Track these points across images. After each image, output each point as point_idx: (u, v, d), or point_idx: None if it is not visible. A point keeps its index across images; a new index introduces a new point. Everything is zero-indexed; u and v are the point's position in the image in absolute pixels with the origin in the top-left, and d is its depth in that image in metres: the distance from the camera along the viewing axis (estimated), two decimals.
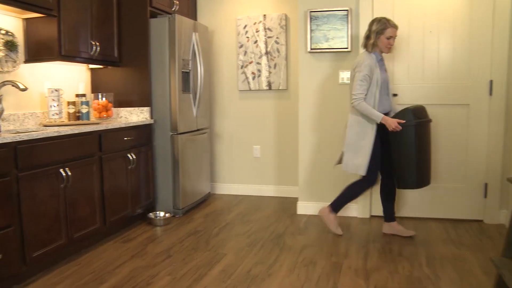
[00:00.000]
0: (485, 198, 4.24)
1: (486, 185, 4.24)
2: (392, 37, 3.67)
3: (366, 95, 3.64)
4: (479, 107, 4.20)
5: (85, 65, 4.55)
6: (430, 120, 3.65)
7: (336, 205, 3.94)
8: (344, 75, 4.44)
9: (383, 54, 3.81)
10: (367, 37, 3.74)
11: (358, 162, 3.71)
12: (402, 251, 3.56)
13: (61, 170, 3.31)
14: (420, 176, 3.58)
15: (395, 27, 3.67)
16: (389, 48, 3.71)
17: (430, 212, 4.41)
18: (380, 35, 3.66)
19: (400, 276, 3.08)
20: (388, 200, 3.94)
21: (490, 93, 4.16)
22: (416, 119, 3.51)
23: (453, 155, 4.31)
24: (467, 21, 4.16)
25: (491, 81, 4.14)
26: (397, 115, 3.58)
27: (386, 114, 3.76)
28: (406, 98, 4.33)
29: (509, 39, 4.05)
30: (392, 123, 3.53)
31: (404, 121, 3.51)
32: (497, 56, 4.09)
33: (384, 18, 3.70)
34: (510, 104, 4.08)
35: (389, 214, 3.96)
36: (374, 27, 3.69)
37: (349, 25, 4.34)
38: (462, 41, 4.20)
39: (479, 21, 4.13)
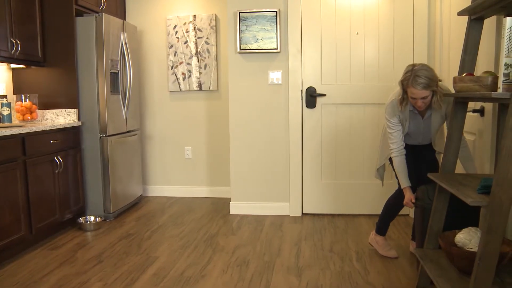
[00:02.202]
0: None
1: None
2: (416, 99, 2.85)
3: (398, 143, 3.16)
4: None
5: (5, 64, 4.33)
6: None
7: (379, 226, 3.54)
8: (274, 76, 4.50)
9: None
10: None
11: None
12: (333, 248, 3.65)
13: None
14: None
15: (416, 87, 2.78)
16: (419, 107, 2.92)
17: (360, 208, 4.56)
18: (405, 87, 2.90)
19: (331, 272, 3.17)
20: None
21: None
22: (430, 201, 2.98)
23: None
24: (390, 25, 4.34)
25: None
26: (420, 191, 3.01)
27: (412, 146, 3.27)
28: (334, 98, 4.45)
29: (428, 42, 4.27)
30: (407, 199, 3.14)
31: (417, 203, 3.05)
32: (418, 58, 4.28)
33: (412, 67, 2.83)
34: None
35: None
36: (402, 76, 2.92)
37: (278, 26, 4.41)
38: (386, 43, 4.37)
39: (401, 25, 4.32)
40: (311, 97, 4.47)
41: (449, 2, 3.72)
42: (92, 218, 4.38)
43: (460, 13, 2.46)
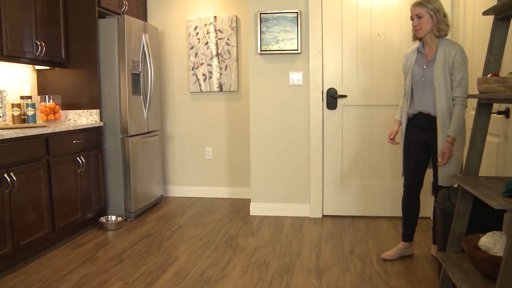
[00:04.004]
0: (432, 196, 4.37)
1: (432, 183, 4.37)
2: (413, 19, 3.14)
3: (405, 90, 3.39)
4: None
5: (30, 66, 4.40)
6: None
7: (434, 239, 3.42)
8: (294, 77, 4.49)
9: (428, 40, 3.19)
10: None
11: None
12: (353, 250, 3.63)
13: (6, 175, 3.20)
14: None
15: (412, 4, 3.14)
16: (415, 27, 3.14)
17: (381, 210, 4.52)
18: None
19: (351, 274, 3.15)
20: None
21: None
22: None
23: (401, 155, 4.41)
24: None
25: None
26: (440, 194, 2.96)
27: (422, 116, 3.26)
28: (355, 99, 4.42)
29: None
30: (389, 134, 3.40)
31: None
32: None
33: None
34: None
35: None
36: None
37: (299, 27, 4.40)
38: (407, 44, 4.32)
39: None
40: (332, 98, 4.45)
41: (473, 1, 3.67)
42: (113, 217, 4.42)
43: (486, 13, 2.42)
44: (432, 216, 4.24)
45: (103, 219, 4.37)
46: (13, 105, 4.04)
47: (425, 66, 3.19)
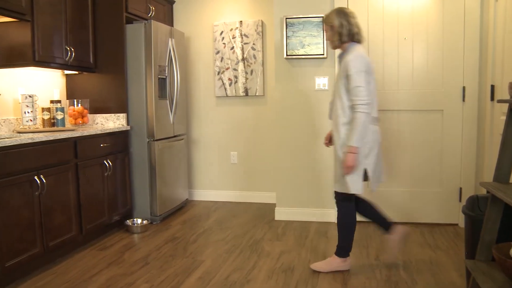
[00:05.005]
0: (460, 202, 4.31)
1: (460, 189, 4.31)
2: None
3: None
4: (453, 112, 4.28)
5: (60, 70, 4.49)
6: None
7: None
8: (320, 81, 4.48)
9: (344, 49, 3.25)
10: None
11: None
12: (379, 256, 3.59)
13: (36, 178, 3.26)
14: None
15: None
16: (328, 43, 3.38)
17: (407, 216, 4.46)
18: None
19: (377, 281, 3.11)
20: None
21: (463, 99, 4.24)
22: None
23: (428, 160, 4.37)
24: (440, 29, 4.24)
25: (463, 88, 4.23)
26: (469, 201, 2.74)
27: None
28: (381, 104, 4.38)
29: (480, 47, 4.14)
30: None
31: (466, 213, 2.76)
32: (469, 63, 4.18)
33: None
34: (482, 110, 4.16)
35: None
36: None
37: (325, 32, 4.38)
38: (435, 48, 4.28)
39: (451, 30, 4.21)
40: None
41: (504, 1, 3.60)
42: (139, 220, 4.46)
43: None
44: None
45: (129, 222, 4.41)
46: (43, 109, 4.13)
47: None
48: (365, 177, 3.14)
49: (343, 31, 3.13)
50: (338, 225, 3.28)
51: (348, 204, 3.22)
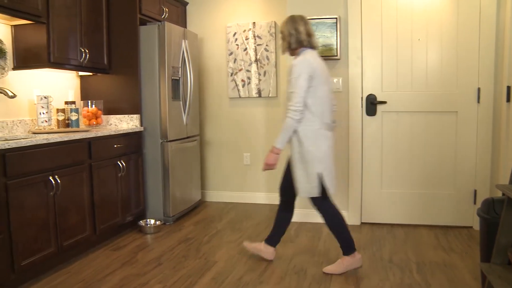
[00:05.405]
0: (474, 205, 4.27)
1: (475, 191, 4.27)
2: None
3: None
4: (467, 114, 4.24)
5: (74, 72, 4.53)
6: None
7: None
8: (334, 83, 4.46)
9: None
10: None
11: None
12: (392, 258, 3.57)
13: (51, 178, 3.29)
14: None
15: None
16: None
17: (421, 219, 4.43)
18: None
19: (390, 283, 3.09)
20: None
21: (478, 101, 4.20)
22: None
23: (442, 162, 4.34)
24: (454, 30, 4.20)
25: (478, 89, 4.19)
26: (485, 203, 2.71)
27: None
28: (395, 106, 4.36)
29: (495, 47, 4.10)
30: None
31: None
32: (484, 64, 4.14)
33: None
34: (497, 111, 4.12)
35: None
36: None
37: (338, 33, 4.37)
38: (449, 49, 4.24)
39: (465, 30, 4.18)
40: (371, 105, 4.40)
41: None
42: (152, 221, 4.48)
43: None
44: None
45: (142, 222, 4.43)
46: (58, 110, 4.17)
47: None
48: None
49: (291, 39, 3.26)
50: (329, 228, 3.30)
51: (327, 204, 3.27)
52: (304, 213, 4.64)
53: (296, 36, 3.24)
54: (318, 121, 3.14)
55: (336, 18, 4.36)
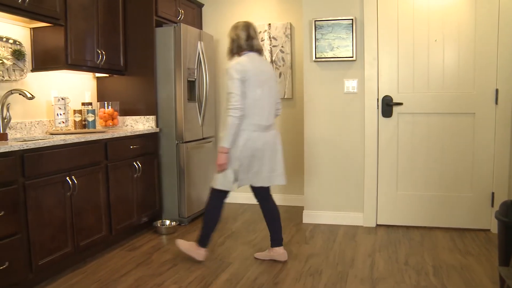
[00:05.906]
0: (492, 207, 4.22)
1: (493, 194, 4.22)
2: None
3: None
4: (485, 115, 4.20)
5: (91, 73, 4.57)
6: None
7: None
8: (349, 84, 4.45)
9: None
10: None
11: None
12: (408, 261, 3.54)
13: (68, 178, 3.32)
14: None
15: None
16: None
17: (437, 221, 4.39)
18: None
19: (406, 285, 3.07)
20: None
21: (496, 102, 4.15)
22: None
23: (459, 164, 4.29)
24: (472, 30, 4.16)
25: (496, 90, 4.14)
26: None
27: None
28: (411, 107, 4.33)
29: None
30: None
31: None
32: (503, 65, 4.09)
33: None
34: None
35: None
36: None
37: (354, 34, 4.35)
38: (467, 49, 4.20)
39: (484, 30, 4.13)
40: (387, 106, 4.38)
41: None
42: (167, 222, 4.50)
43: None
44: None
45: (157, 223, 4.46)
46: (74, 111, 4.21)
47: None
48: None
49: (233, 45, 3.47)
50: (204, 215, 3.51)
51: (216, 197, 3.49)
52: (319, 215, 4.63)
53: (237, 42, 3.44)
54: (245, 121, 3.32)
55: (352, 19, 4.34)
